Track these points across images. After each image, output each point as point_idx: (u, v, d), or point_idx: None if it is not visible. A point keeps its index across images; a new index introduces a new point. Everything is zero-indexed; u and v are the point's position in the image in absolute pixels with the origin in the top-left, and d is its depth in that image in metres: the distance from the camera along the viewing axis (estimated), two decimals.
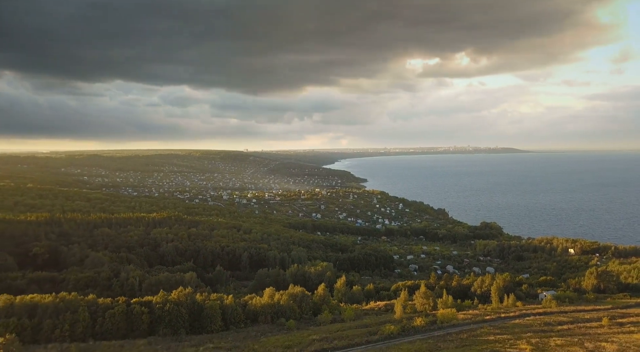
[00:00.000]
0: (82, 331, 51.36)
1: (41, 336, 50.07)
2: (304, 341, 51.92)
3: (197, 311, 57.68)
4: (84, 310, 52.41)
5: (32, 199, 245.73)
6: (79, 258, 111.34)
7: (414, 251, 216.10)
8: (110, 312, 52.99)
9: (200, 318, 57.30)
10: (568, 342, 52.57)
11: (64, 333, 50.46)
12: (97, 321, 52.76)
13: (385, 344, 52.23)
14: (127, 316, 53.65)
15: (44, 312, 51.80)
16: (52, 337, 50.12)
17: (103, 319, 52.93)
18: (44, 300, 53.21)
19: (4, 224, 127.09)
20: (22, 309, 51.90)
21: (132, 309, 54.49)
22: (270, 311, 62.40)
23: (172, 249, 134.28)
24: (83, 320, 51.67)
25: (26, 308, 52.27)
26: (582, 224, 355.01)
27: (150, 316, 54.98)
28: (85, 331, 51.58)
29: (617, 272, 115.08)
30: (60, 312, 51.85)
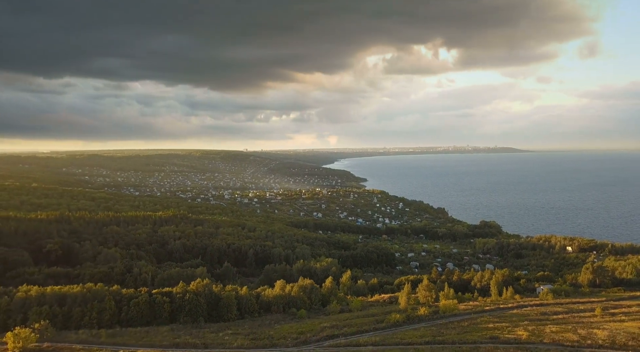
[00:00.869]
0: (109, 318, 55.01)
1: (71, 322, 53.68)
2: (315, 328, 55.61)
3: (215, 301, 61.31)
4: (110, 299, 56.05)
5: (37, 198, 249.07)
6: (92, 254, 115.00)
7: (415, 249, 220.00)
8: (134, 301, 56.59)
9: (218, 307, 60.94)
10: (562, 329, 56.25)
11: (92, 320, 54.10)
12: (122, 310, 56.40)
13: (392, 331, 55.94)
14: (150, 305, 57.27)
15: (73, 301, 55.40)
16: (82, 323, 53.74)
17: (128, 307, 56.55)
18: (72, 290, 56.79)
19: (17, 222, 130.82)
20: (52, 298, 55.52)
21: (154, 298, 58.11)
22: (282, 301, 66.07)
23: (180, 246, 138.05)
24: (109, 308, 55.30)
25: (56, 297, 55.90)
26: (580, 222, 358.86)
27: (172, 305, 58.60)
28: (111, 318, 55.22)
29: (612, 268, 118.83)
30: (87, 301, 55.48)
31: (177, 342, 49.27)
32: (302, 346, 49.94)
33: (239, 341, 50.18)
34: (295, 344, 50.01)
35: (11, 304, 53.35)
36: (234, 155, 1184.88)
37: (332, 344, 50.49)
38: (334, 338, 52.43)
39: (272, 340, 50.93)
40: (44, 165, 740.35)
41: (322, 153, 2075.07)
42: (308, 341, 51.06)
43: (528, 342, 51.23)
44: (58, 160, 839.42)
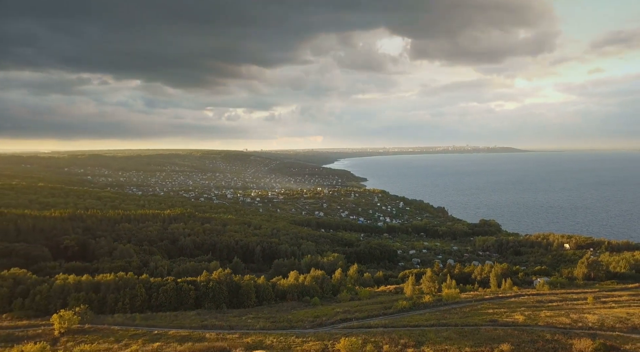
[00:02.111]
0: (140, 303, 59.75)
1: (106, 307, 58.45)
2: (329, 313, 60.50)
3: (235, 288, 66.07)
4: (140, 286, 60.78)
5: (44, 197, 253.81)
6: (107, 250, 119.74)
7: (416, 247, 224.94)
8: (163, 289, 61.33)
9: (238, 295, 65.71)
10: (556, 314, 61.17)
11: (125, 305, 58.83)
12: (152, 296, 61.11)
13: (399, 316, 60.84)
14: (177, 292, 62.02)
15: (106, 288, 60.11)
16: (116, 308, 58.49)
17: (157, 294, 61.26)
18: (105, 278, 61.46)
19: (34, 220, 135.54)
20: (88, 286, 60.23)
21: (180, 286, 62.87)
22: (296, 290, 70.89)
23: (191, 243, 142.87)
24: (141, 295, 60.02)
25: (91, 285, 60.62)
26: (579, 221, 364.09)
27: (196, 292, 63.37)
28: (142, 304, 59.98)
29: (607, 263, 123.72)
30: (120, 288, 60.21)
31: (205, 324, 54.11)
32: (318, 327, 54.81)
33: (261, 323, 55.05)
34: (312, 326, 54.87)
35: (51, 291, 58.07)
36: (235, 155, 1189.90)
37: (346, 326, 55.39)
38: (346, 321, 57.33)
39: (290, 322, 55.81)
40: (46, 165, 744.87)
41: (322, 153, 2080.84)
42: (323, 324, 55.94)
43: (524, 324, 56.13)
44: (60, 160, 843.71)
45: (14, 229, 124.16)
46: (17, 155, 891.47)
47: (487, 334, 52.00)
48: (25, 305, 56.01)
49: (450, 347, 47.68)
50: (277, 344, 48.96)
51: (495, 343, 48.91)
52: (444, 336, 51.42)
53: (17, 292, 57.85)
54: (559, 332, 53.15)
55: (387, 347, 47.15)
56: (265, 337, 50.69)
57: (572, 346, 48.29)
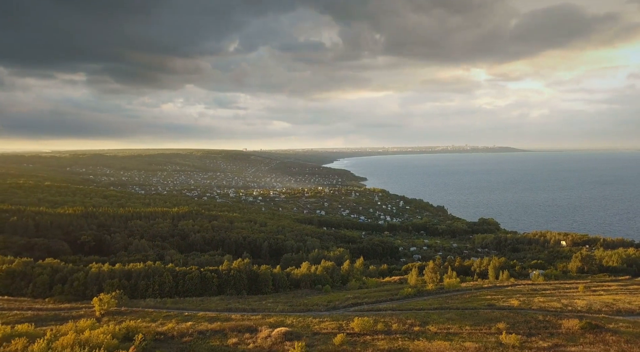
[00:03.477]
0: (168, 290, 65.22)
1: (137, 293, 63.91)
2: (341, 298, 66.06)
3: (254, 277, 71.59)
4: (168, 274, 66.25)
5: (52, 196, 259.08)
6: (122, 245, 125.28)
7: (417, 244, 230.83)
8: (189, 276, 66.81)
9: (257, 282, 71.27)
10: (548, 300, 66.84)
11: (155, 291, 64.25)
12: (179, 283, 66.57)
13: (405, 301, 66.43)
14: (201, 279, 67.48)
15: (137, 275, 65.54)
16: (146, 294, 63.94)
17: (184, 281, 66.73)
18: (136, 267, 66.88)
19: (52, 216, 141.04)
20: (121, 273, 65.69)
21: (204, 274, 68.36)
22: (309, 279, 76.43)
23: (200, 239, 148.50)
24: (168, 282, 65.48)
25: (123, 273, 66.06)
26: (576, 219, 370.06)
27: (219, 280, 68.87)
28: (170, 290, 65.45)
29: (600, 257, 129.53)
30: (149, 275, 65.63)
31: (229, 307, 59.63)
32: (332, 310, 60.36)
33: (280, 307, 60.60)
34: (327, 309, 60.42)
35: (87, 278, 63.54)
36: (235, 155, 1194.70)
37: (357, 309, 60.93)
38: (357, 305, 62.91)
39: (307, 306, 61.36)
40: (48, 164, 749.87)
41: (322, 152, 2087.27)
42: (337, 307, 61.51)
43: (519, 308, 61.77)
44: (62, 160, 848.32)
45: (32, 225, 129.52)
46: (19, 155, 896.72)
47: (485, 315, 57.65)
48: (65, 290, 61.43)
49: (452, 326, 53.25)
50: (297, 323, 54.53)
51: (492, 323, 54.49)
52: (446, 317, 57.02)
53: (56, 279, 63.31)
54: (550, 314, 58.79)
55: (395, 326, 52.73)
56: (286, 317, 56.27)
57: (562, 325, 53.86)
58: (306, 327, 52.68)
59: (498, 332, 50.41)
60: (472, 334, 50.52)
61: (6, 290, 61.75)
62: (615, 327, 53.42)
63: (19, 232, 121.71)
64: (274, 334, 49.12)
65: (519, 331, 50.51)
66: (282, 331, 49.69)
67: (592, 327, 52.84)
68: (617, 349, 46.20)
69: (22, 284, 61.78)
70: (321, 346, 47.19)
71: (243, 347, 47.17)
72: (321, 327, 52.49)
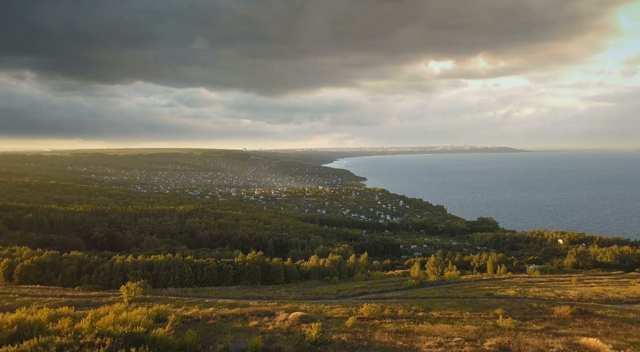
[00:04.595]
0: (188, 280, 69.77)
1: (159, 283, 68.43)
2: (349, 288, 70.62)
3: (267, 268, 76.18)
4: (187, 265, 70.80)
5: (58, 194, 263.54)
6: (134, 241, 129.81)
7: (417, 242, 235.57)
8: (207, 267, 71.35)
9: (269, 274, 75.87)
10: (542, 290, 71.50)
11: (176, 281, 68.77)
12: (197, 274, 71.11)
13: (409, 291, 71.04)
14: (218, 270, 72.00)
15: (159, 266, 70.04)
16: (167, 283, 68.46)
17: (202, 272, 71.26)
18: (157, 258, 71.35)
19: (65, 214, 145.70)
20: (143, 265, 70.19)
21: (221, 265, 72.92)
22: (318, 271, 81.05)
23: (208, 236, 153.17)
24: (188, 272, 70.03)
25: (146, 264, 70.57)
26: (574, 219, 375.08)
27: (235, 271, 73.45)
28: (190, 280, 69.99)
29: (595, 254, 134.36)
30: (170, 267, 70.15)
31: (246, 295, 64.15)
32: (341, 298, 64.90)
33: (293, 295, 65.14)
34: (337, 298, 64.95)
35: (112, 268, 68.09)
36: (235, 155, 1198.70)
37: (365, 298, 65.49)
38: (365, 294, 67.43)
39: (318, 295, 65.92)
40: (49, 163, 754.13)
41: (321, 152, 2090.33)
42: (346, 296, 66.06)
43: (515, 297, 66.37)
44: (63, 159, 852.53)
45: (47, 221, 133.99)
46: (21, 154, 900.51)
47: (484, 303, 62.27)
48: (92, 280, 65.93)
49: (453, 311, 57.86)
50: (310, 309, 59.08)
51: (490, 309, 59.11)
52: (447, 305, 61.64)
53: (83, 270, 67.84)
54: (543, 302, 63.41)
55: (401, 311, 57.29)
56: (299, 304, 60.82)
57: (554, 311, 58.50)
58: (319, 313, 57.23)
59: (495, 317, 54.98)
60: (472, 319, 55.09)
61: (37, 279, 66.27)
62: (603, 313, 58.04)
63: (34, 228, 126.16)
64: (291, 318, 53.68)
65: (515, 316, 55.06)
66: (298, 315, 54.25)
67: (582, 312, 57.52)
68: (604, 331, 50.70)
69: (51, 274, 66.26)
70: (334, 327, 51.74)
71: (263, 329, 51.71)
72: (333, 313, 57.01)
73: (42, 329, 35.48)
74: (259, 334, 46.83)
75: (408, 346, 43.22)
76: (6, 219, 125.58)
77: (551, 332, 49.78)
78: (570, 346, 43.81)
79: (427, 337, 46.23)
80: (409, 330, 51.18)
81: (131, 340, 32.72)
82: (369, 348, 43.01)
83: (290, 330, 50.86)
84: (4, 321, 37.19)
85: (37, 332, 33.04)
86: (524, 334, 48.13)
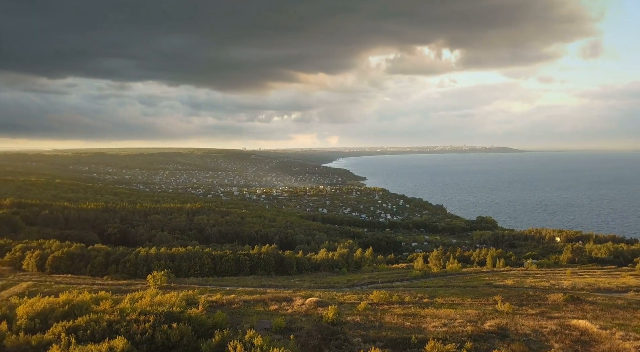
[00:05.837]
0: (207, 270, 74.63)
1: (181, 273, 73.25)
2: (358, 278, 75.61)
3: (280, 260, 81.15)
4: (206, 257, 75.73)
5: (65, 193, 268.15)
6: (147, 237, 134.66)
7: (418, 240, 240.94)
8: (225, 259, 76.29)
9: (283, 265, 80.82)
10: (538, 280, 76.59)
11: (197, 271, 73.62)
12: (216, 265, 75.98)
13: (414, 281, 76.04)
14: (235, 261, 76.94)
15: (180, 258, 74.93)
16: (189, 273, 73.33)
17: (220, 263, 76.16)
18: (179, 250, 76.28)
19: (79, 211, 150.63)
20: (166, 256, 75.08)
21: (238, 257, 77.89)
22: (327, 263, 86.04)
23: (217, 232, 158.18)
24: (207, 263, 74.91)
25: (168, 256, 75.48)
26: (572, 218, 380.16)
27: (251, 262, 78.40)
28: (209, 270, 74.85)
29: (590, 250, 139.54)
30: (191, 258, 75.06)
31: (263, 284, 69.01)
32: (351, 287, 69.80)
33: (306, 284, 70.02)
34: (347, 286, 69.84)
35: (137, 259, 72.98)
36: (235, 154, 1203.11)
37: (373, 287, 70.36)
38: (373, 283, 72.41)
39: (329, 284, 70.82)
40: (51, 163, 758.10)
41: (321, 152, 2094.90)
42: (355, 285, 71.01)
43: (513, 286, 71.40)
44: (64, 158, 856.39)
45: (62, 218, 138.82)
46: (23, 154, 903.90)
47: (484, 291, 67.31)
48: (119, 270, 70.74)
49: (456, 298, 62.84)
50: (324, 296, 64.03)
51: (490, 296, 64.13)
52: (450, 292, 66.64)
53: (110, 261, 72.72)
54: (539, 290, 68.48)
55: (408, 298, 62.24)
56: (313, 292, 65.75)
57: (548, 298, 63.54)
58: (332, 299, 62.19)
59: (494, 303, 59.97)
60: (473, 304, 60.07)
61: (67, 270, 71.07)
62: (593, 300, 63.09)
63: (51, 224, 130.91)
64: (307, 302, 58.59)
65: (512, 302, 60.02)
66: (314, 300, 59.18)
67: (574, 299, 62.57)
68: (593, 315, 55.77)
69: (80, 265, 71.07)
70: (348, 311, 56.76)
71: (283, 312, 56.74)
72: (345, 299, 61.95)
73: (88, 309, 38.93)
74: (280, 316, 51.76)
75: (416, 326, 48.20)
76: (23, 216, 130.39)
77: (545, 316, 54.77)
78: (562, 326, 48.87)
79: (433, 319, 51.14)
80: (416, 313, 56.26)
81: (170, 318, 36.10)
82: (380, 328, 47.89)
83: (308, 313, 55.88)
84: (56, 301, 41.86)
85: (85, 311, 36.51)
86: (521, 317, 53.14)
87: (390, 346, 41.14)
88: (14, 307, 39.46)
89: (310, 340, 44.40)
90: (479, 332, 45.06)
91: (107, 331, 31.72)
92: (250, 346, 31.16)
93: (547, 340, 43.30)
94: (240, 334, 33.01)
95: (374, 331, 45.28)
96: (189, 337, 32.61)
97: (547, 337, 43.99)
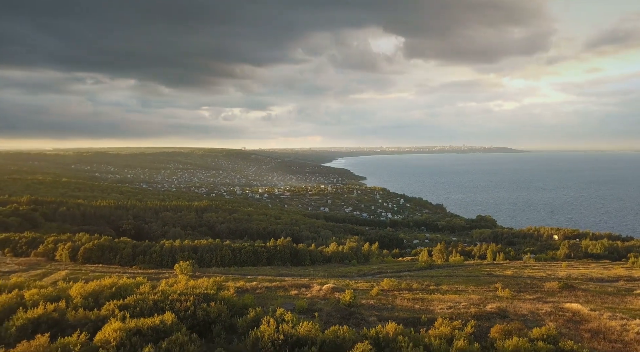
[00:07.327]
0: (228, 261, 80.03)
1: (203, 263, 78.68)
2: (367, 269, 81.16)
3: (294, 252, 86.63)
4: (226, 248, 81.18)
5: (72, 191, 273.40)
6: (160, 233, 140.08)
7: (419, 237, 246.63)
8: (244, 250, 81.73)
9: (297, 256, 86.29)
10: (536, 271, 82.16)
11: (218, 262, 79.01)
12: (236, 256, 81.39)
13: (420, 271, 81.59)
14: (254, 253, 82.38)
15: (202, 249, 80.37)
16: (211, 264, 78.75)
17: (240, 254, 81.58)
18: (201, 243, 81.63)
19: (94, 208, 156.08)
20: (189, 248, 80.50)
21: (256, 249, 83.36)
22: (338, 256, 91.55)
23: (226, 229, 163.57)
24: (228, 255, 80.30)
25: (191, 247, 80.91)
26: (571, 217, 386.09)
27: (267, 254, 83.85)
28: (230, 261, 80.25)
29: (586, 246, 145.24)
30: (212, 250, 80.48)
31: (280, 273, 74.52)
32: (362, 276, 75.31)
33: (320, 273, 75.54)
34: (358, 276, 75.36)
35: (162, 251, 78.42)
36: (236, 154, 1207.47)
37: (382, 276, 75.92)
38: (382, 273, 77.96)
39: (342, 273, 76.35)
40: (53, 162, 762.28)
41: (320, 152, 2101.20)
42: (366, 274, 76.56)
43: (512, 276, 76.93)
44: (66, 158, 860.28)
45: (79, 214, 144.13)
46: (25, 153, 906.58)
47: (485, 280, 72.81)
48: (145, 260, 76.13)
49: (459, 286, 68.29)
50: (338, 283, 69.40)
51: (491, 284, 69.58)
52: (454, 281, 72.08)
53: (137, 252, 78.14)
54: (536, 279, 73.99)
55: (415, 285, 67.69)
56: (328, 280, 71.17)
57: (544, 285, 69.04)
58: (346, 286, 67.57)
59: (495, 289, 65.41)
60: (475, 291, 65.57)
61: (98, 260, 76.48)
62: (586, 287, 68.62)
63: (68, 220, 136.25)
64: (324, 288, 64.03)
65: (512, 289, 65.46)
66: (330, 286, 64.61)
67: (568, 286, 68.13)
68: (585, 300, 61.26)
69: (110, 256, 76.44)
70: (361, 296, 62.22)
71: (303, 296, 62.10)
72: (358, 286, 67.35)
73: (132, 291, 43.83)
74: (301, 299, 57.31)
75: (424, 308, 53.79)
76: (42, 212, 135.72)
77: (541, 300, 60.29)
78: (556, 308, 54.59)
79: (439, 303, 56.80)
80: (424, 298, 61.81)
81: (206, 298, 40.90)
82: (392, 309, 53.53)
83: (326, 297, 61.36)
84: (104, 283, 47.34)
85: (130, 292, 40.69)
86: (519, 301, 58.76)
87: (403, 324, 46.68)
88: (66, 290, 44.70)
89: (330, 319, 50.02)
90: (482, 313, 50.75)
91: (154, 308, 36.44)
92: (282, 320, 36.56)
93: (543, 320, 48.89)
94: (270, 312, 38.33)
95: (387, 312, 50.97)
96: (225, 315, 37.67)
97: (542, 317, 49.60)
